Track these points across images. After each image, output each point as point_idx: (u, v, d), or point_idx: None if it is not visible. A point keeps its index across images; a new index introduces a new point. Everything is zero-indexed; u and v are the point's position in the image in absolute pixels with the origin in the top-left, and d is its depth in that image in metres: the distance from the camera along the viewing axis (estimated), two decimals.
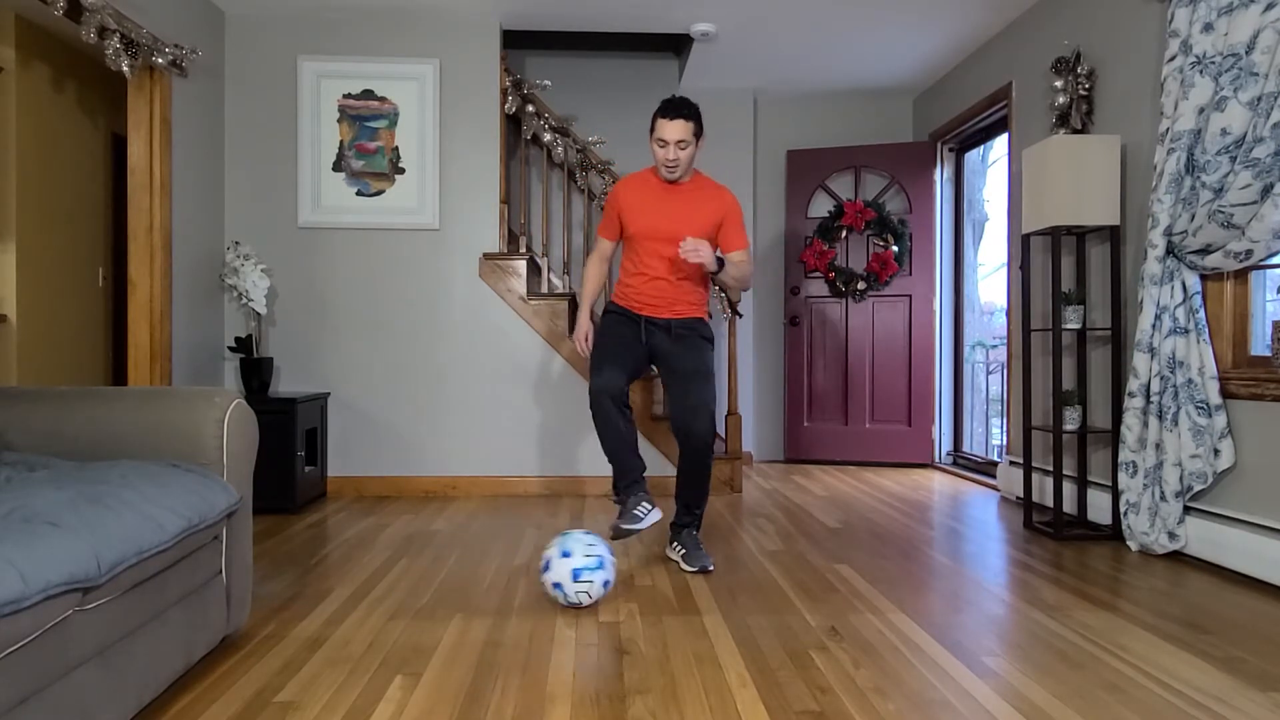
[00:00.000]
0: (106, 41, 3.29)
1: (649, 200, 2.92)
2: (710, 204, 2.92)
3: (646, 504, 2.83)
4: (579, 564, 2.40)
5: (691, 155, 2.86)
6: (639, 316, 2.96)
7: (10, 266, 4.23)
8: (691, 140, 2.82)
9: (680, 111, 2.79)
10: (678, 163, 2.84)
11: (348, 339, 4.40)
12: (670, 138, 2.80)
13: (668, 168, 2.86)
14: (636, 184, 2.98)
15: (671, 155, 2.82)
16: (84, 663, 1.47)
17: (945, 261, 5.46)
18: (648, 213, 2.91)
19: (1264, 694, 1.86)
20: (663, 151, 2.83)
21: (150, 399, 2.06)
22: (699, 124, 2.84)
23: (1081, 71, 3.69)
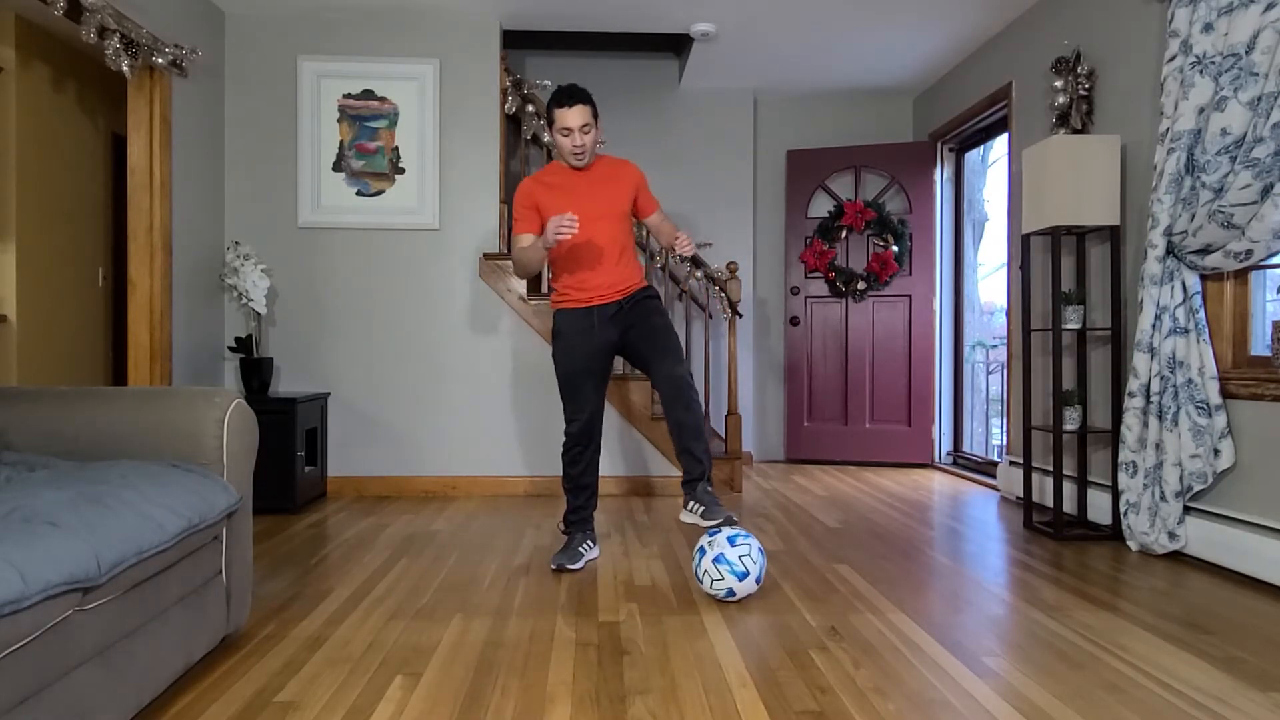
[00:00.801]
0: (106, 41, 3.29)
1: (565, 189, 2.93)
2: (622, 180, 2.98)
3: (590, 543, 3.00)
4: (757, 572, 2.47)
5: (595, 139, 2.88)
6: (590, 311, 2.94)
7: (10, 266, 4.23)
8: (593, 123, 2.85)
9: (576, 98, 2.81)
10: (584, 148, 2.85)
11: (348, 339, 4.40)
12: (574, 124, 2.81)
13: (576, 154, 2.86)
14: (544, 178, 2.97)
15: (578, 141, 2.83)
16: (84, 663, 1.47)
17: (945, 261, 5.46)
18: (569, 200, 2.91)
19: (1264, 694, 1.86)
20: (568, 140, 2.84)
21: (150, 399, 2.06)
22: (595, 106, 2.87)
23: (1081, 71, 3.69)
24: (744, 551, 2.46)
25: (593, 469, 3.02)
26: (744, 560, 2.45)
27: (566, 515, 3.05)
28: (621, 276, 2.96)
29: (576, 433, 2.96)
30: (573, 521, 3.04)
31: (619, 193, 2.97)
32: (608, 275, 2.94)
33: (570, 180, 2.94)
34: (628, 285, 2.97)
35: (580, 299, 2.95)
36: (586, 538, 3.01)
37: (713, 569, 2.46)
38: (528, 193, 2.94)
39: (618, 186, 2.97)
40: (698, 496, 2.81)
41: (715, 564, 2.45)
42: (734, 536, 2.48)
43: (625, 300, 2.95)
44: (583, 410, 2.94)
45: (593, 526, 3.07)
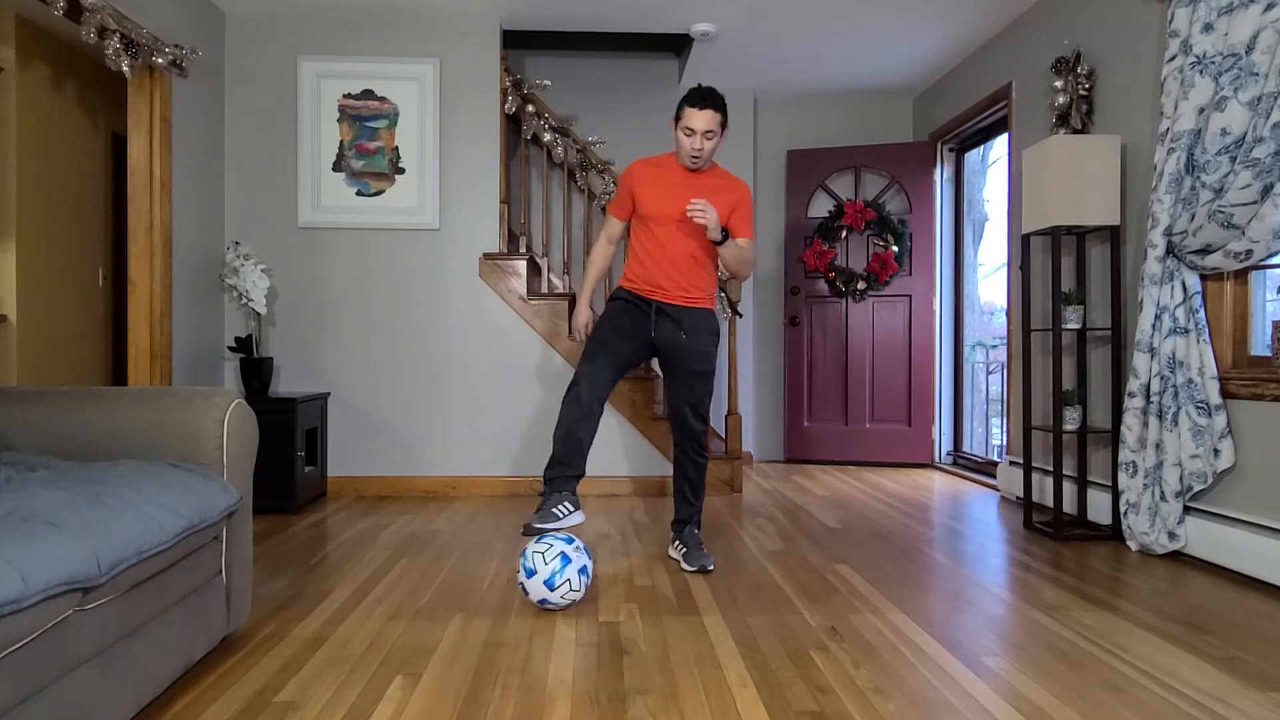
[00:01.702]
0: (106, 41, 3.29)
1: (666, 182, 2.90)
2: (726, 193, 2.90)
3: (569, 505, 2.69)
4: (546, 575, 2.38)
5: (715, 146, 2.85)
6: (648, 302, 2.92)
7: (10, 266, 4.23)
8: (718, 131, 2.82)
9: (710, 102, 2.79)
10: (702, 152, 2.83)
11: (348, 339, 4.40)
12: (699, 127, 2.79)
13: (693, 157, 2.84)
14: (654, 165, 2.96)
15: (698, 145, 2.81)
16: (84, 663, 1.47)
17: (945, 261, 5.46)
18: (664, 195, 2.89)
19: (1264, 694, 1.86)
20: (689, 140, 2.81)
21: (150, 399, 2.06)
22: (725, 115, 2.83)
23: (1081, 71, 3.69)
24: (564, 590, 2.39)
25: (585, 420, 2.77)
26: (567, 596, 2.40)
27: (546, 468, 2.78)
28: (685, 284, 2.91)
29: (578, 374, 2.82)
30: (551, 479, 2.76)
31: (718, 204, 2.85)
32: (671, 278, 2.90)
33: (677, 176, 2.91)
34: (689, 297, 2.92)
35: (644, 288, 2.93)
36: (564, 499, 2.70)
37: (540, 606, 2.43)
38: (630, 175, 2.94)
39: (720, 198, 2.87)
40: (683, 538, 2.97)
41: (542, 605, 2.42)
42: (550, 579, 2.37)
43: (686, 313, 2.90)
44: (587, 375, 2.80)
45: (574, 490, 2.76)
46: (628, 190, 2.96)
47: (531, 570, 2.40)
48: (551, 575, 2.38)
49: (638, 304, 2.93)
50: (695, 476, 2.98)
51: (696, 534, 2.97)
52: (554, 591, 2.38)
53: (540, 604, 2.42)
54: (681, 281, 2.91)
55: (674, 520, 3.03)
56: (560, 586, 2.38)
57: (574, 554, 2.43)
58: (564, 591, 2.39)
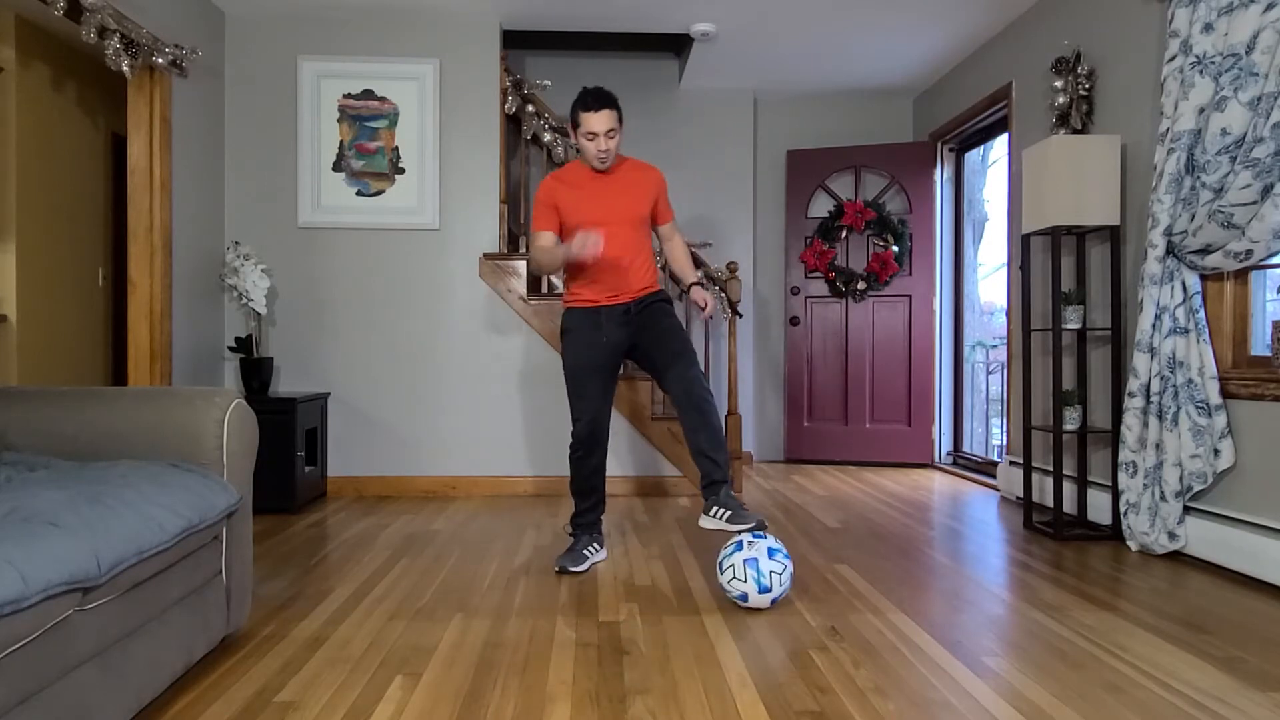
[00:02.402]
0: (106, 41, 3.29)
1: (584, 188, 2.91)
2: (644, 185, 2.95)
3: (596, 545, 2.99)
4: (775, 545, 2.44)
5: (619, 142, 2.87)
6: (598, 311, 2.91)
7: (10, 266, 4.23)
8: (618, 128, 2.83)
9: (604, 102, 2.80)
10: (609, 152, 2.84)
11: (348, 339, 4.40)
12: (600, 129, 2.79)
13: (600, 159, 2.85)
14: (564, 180, 2.95)
15: (603, 146, 2.82)
16: (84, 663, 1.47)
17: (945, 261, 5.46)
18: (588, 201, 2.89)
19: (1264, 694, 1.86)
20: (593, 144, 2.82)
21: (150, 399, 2.06)
22: (620, 110, 2.86)
23: (1081, 71, 3.69)
24: (777, 569, 2.41)
25: (599, 473, 2.98)
26: (773, 576, 2.39)
27: (573, 518, 3.02)
28: (634, 280, 2.92)
29: (582, 435, 2.91)
30: (579, 524, 3.01)
31: (639, 197, 2.93)
32: (620, 278, 2.90)
33: (591, 181, 2.92)
34: (640, 289, 2.93)
35: (590, 299, 2.92)
36: (593, 540, 2.99)
37: (740, 568, 2.41)
38: (549, 191, 2.93)
39: (639, 191, 2.94)
40: (721, 501, 2.67)
41: (746, 565, 2.41)
42: (775, 550, 2.43)
43: (635, 303, 2.92)
44: (588, 410, 2.90)
45: (600, 529, 3.05)
46: (551, 205, 2.92)
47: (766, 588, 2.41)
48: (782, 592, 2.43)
49: (587, 325, 2.92)
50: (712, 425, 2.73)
51: (734, 495, 2.75)
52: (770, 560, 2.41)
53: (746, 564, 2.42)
54: (633, 278, 2.92)
55: (705, 485, 2.72)
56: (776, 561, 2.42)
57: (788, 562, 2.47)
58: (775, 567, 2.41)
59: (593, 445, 2.93)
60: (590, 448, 2.93)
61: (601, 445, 2.95)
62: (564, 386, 4.38)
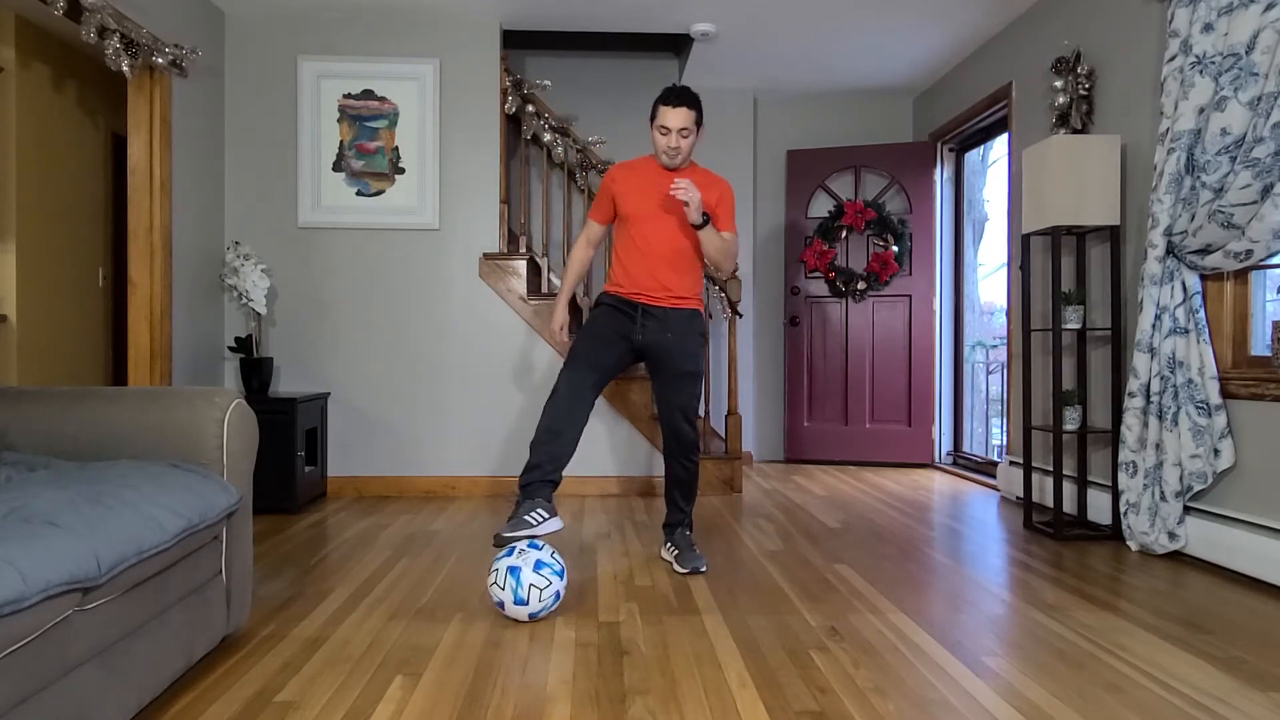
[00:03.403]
0: (106, 41, 3.29)
1: (646, 183, 2.89)
2: (706, 189, 2.87)
3: (542, 511, 2.56)
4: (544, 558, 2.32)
5: (692, 144, 2.84)
6: (633, 305, 2.89)
7: (10, 266, 4.23)
8: (693, 129, 2.81)
9: (684, 99, 2.78)
10: (679, 150, 2.82)
11: (348, 339, 4.40)
12: (673, 125, 2.78)
13: (669, 155, 2.83)
14: (633, 167, 2.95)
15: (674, 143, 2.80)
16: (84, 663, 1.47)
17: (945, 261, 5.46)
18: (645, 194, 2.88)
19: (1264, 694, 1.86)
20: (664, 139, 2.81)
21: (150, 399, 2.06)
22: (700, 113, 2.83)
23: (1081, 71, 3.69)
24: (539, 583, 2.29)
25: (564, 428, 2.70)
26: (531, 590, 2.28)
27: (521, 473, 2.70)
28: (671, 284, 2.88)
29: (560, 380, 2.78)
30: (524, 484, 2.67)
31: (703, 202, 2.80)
32: (657, 278, 2.87)
33: (657, 176, 2.89)
34: (676, 297, 2.89)
35: (630, 291, 2.90)
36: (538, 505, 2.57)
37: (502, 575, 2.30)
38: (611, 177, 2.94)
39: (703, 196, 2.82)
40: (675, 541, 2.96)
41: (509, 573, 2.30)
42: (544, 564, 2.31)
43: (671, 315, 2.87)
44: (575, 363, 2.78)
45: (549, 497, 2.67)
46: (608, 193, 2.95)
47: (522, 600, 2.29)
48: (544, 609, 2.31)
49: (621, 308, 2.90)
50: (687, 480, 2.97)
51: (688, 536, 2.96)
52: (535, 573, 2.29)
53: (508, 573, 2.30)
54: (665, 282, 2.88)
55: (665, 523, 3.03)
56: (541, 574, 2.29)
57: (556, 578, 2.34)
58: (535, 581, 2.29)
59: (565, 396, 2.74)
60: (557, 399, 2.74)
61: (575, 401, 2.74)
62: None
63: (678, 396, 2.88)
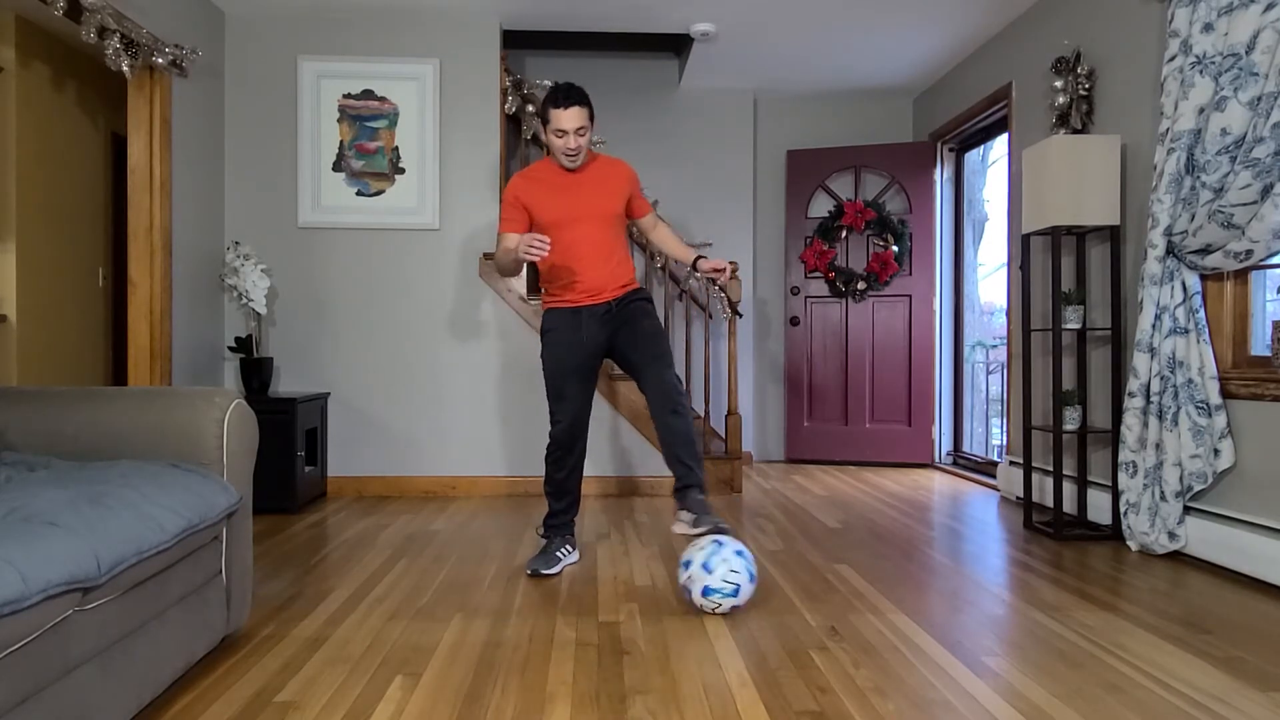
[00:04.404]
0: (106, 41, 3.29)
1: (555, 186, 2.87)
2: (615, 180, 2.91)
3: (569, 548, 2.96)
4: (713, 584, 2.34)
5: (589, 140, 2.83)
6: (579, 312, 2.88)
7: (10, 266, 4.23)
8: (588, 125, 2.79)
9: (573, 99, 2.73)
10: (578, 150, 2.79)
11: (348, 339, 4.40)
12: (569, 126, 2.74)
13: (569, 156, 2.81)
14: (533, 178, 2.90)
15: (573, 144, 2.78)
16: (84, 663, 1.47)
17: (945, 261, 5.46)
18: (559, 198, 2.85)
19: (1264, 694, 1.86)
20: (562, 141, 2.78)
21: (150, 399, 2.06)
22: (592, 107, 2.81)
23: (1081, 71, 3.69)
24: (724, 573, 2.33)
25: (576, 475, 2.95)
26: (729, 579, 2.33)
27: (546, 519, 2.99)
28: (611, 278, 2.89)
29: (560, 436, 2.89)
30: (552, 526, 2.97)
31: (611, 194, 2.90)
32: (597, 277, 2.87)
33: (561, 179, 2.88)
34: (618, 287, 2.91)
35: (569, 300, 2.90)
36: (565, 542, 2.95)
37: (706, 602, 2.36)
38: (516, 191, 2.88)
39: (610, 187, 2.90)
40: (689, 504, 2.68)
41: (705, 597, 2.35)
42: (708, 562, 2.34)
43: (615, 302, 2.90)
44: (566, 412, 2.88)
45: (573, 531, 3.01)
46: (518, 205, 2.88)
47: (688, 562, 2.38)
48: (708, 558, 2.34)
49: (569, 324, 2.89)
50: (684, 430, 2.73)
51: (701, 498, 2.71)
52: (712, 575, 2.33)
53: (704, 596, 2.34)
54: (611, 275, 2.89)
55: (676, 489, 2.74)
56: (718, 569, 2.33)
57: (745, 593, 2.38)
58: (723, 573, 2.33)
59: (571, 446, 2.91)
60: (568, 448, 2.91)
61: (580, 447, 2.93)
62: None
63: (650, 347, 2.82)
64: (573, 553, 2.97)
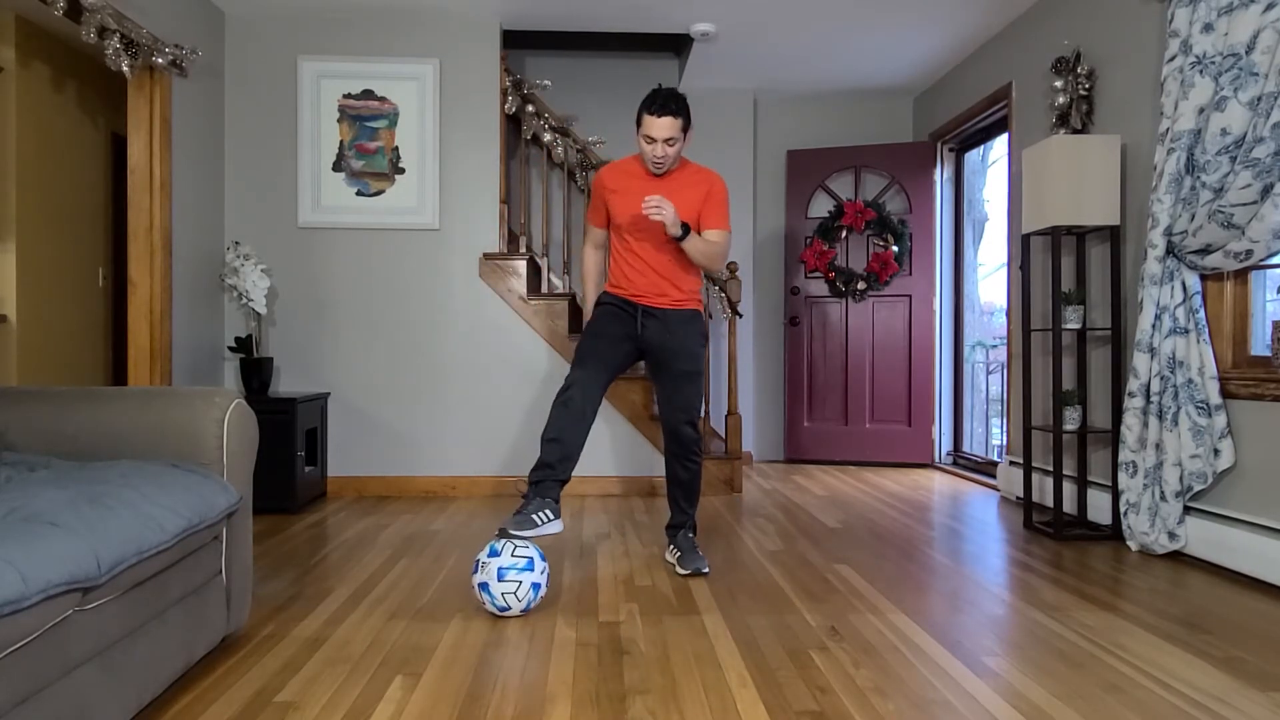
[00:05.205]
0: (106, 41, 3.29)
1: (635, 189, 2.84)
2: (695, 188, 2.84)
3: (549, 512, 2.62)
4: (506, 563, 2.33)
5: (679, 150, 2.78)
6: (634, 305, 2.89)
7: (10, 266, 4.23)
8: (680, 136, 2.73)
9: (668, 108, 2.68)
10: (665, 159, 2.76)
11: (348, 339, 4.40)
12: (659, 135, 2.70)
13: (655, 164, 2.78)
14: (622, 171, 2.90)
15: (660, 153, 2.73)
16: (84, 663, 1.47)
17: (945, 261, 5.46)
18: (632, 202, 2.83)
19: (1264, 694, 1.86)
20: (651, 148, 2.74)
21: (150, 399, 2.06)
22: (688, 119, 2.74)
23: (1081, 71, 3.69)
24: (510, 587, 2.32)
25: (573, 428, 2.72)
26: (507, 597, 2.32)
27: (533, 469, 2.72)
28: (669, 289, 2.87)
29: (568, 385, 2.76)
30: (536, 481, 2.70)
31: (688, 201, 2.81)
32: (651, 283, 2.86)
33: (645, 180, 2.84)
34: (671, 300, 2.88)
35: (628, 293, 2.90)
36: (546, 506, 2.62)
37: (476, 592, 2.37)
38: (600, 181, 2.92)
39: (689, 194, 2.82)
40: (677, 543, 2.95)
41: (480, 590, 2.35)
42: (504, 570, 2.32)
43: (671, 315, 2.87)
44: (579, 369, 2.77)
45: (556, 497, 2.70)
46: (600, 198, 2.92)
47: (496, 552, 2.35)
48: (509, 568, 2.32)
49: (623, 308, 2.90)
50: (689, 481, 2.94)
51: (691, 538, 2.95)
52: (500, 583, 2.31)
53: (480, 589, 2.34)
54: (662, 286, 2.88)
55: (668, 525, 3.02)
56: (506, 582, 2.31)
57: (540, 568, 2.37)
58: (506, 589, 2.31)
59: (573, 398, 2.74)
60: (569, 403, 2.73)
61: (584, 404, 2.74)
62: None
63: (677, 396, 2.88)
64: (553, 521, 2.62)
